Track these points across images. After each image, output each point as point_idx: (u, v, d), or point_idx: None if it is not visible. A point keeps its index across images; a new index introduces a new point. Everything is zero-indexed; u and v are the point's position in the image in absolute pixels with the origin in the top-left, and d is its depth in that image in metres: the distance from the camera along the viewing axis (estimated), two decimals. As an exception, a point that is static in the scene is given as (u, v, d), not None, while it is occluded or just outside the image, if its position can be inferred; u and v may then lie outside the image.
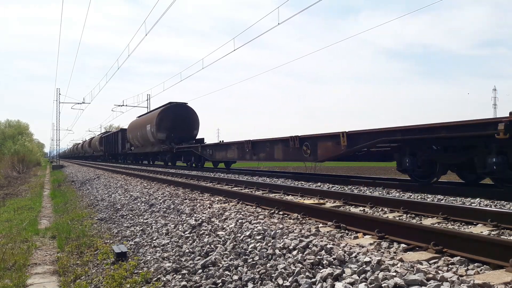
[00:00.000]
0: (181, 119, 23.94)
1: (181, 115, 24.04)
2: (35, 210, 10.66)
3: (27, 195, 15.41)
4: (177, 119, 23.82)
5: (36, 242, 6.42)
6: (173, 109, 24.24)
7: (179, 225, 5.25)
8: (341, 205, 5.89)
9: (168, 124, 23.70)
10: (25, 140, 71.66)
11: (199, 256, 3.90)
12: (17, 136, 71.77)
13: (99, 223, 7.18)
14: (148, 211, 6.84)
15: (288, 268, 2.96)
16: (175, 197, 7.26)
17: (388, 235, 3.63)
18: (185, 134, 23.43)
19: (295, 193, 7.33)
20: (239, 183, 9.54)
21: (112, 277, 3.99)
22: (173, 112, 24.04)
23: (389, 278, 2.37)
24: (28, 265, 5.08)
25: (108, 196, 10.09)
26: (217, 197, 6.93)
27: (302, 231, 3.71)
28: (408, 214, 4.93)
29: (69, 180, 20.04)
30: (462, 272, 2.69)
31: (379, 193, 7.02)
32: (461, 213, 4.50)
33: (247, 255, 3.51)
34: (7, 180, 23.52)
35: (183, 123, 23.91)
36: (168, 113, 24.05)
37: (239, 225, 4.38)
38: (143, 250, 4.79)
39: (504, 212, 4.22)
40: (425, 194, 6.70)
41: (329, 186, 8.60)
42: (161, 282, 3.61)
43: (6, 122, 77.22)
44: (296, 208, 5.20)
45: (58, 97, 41.68)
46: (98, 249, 5.23)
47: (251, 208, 5.70)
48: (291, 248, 3.26)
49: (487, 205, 5.41)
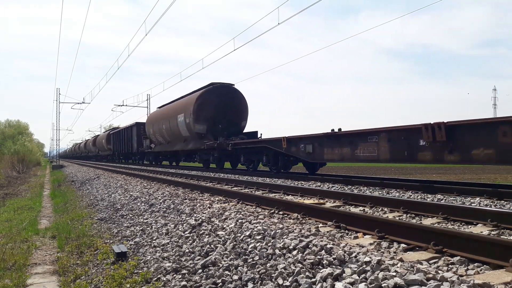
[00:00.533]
0: (227, 105, 18.13)
1: (227, 100, 18.15)
2: (35, 210, 10.66)
3: (27, 195, 15.41)
4: (222, 105, 18.05)
5: (36, 242, 6.42)
6: (217, 92, 18.17)
7: (179, 225, 5.25)
8: (341, 205, 5.89)
9: (210, 113, 17.89)
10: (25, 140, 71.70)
11: (199, 256, 3.90)
12: (17, 136, 71.81)
13: (99, 223, 7.18)
14: (148, 211, 6.84)
15: (288, 268, 2.96)
16: (175, 197, 7.25)
17: (388, 235, 3.63)
18: (231, 125, 17.83)
19: (295, 193, 7.33)
20: (239, 183, 9.54)
21: (112, 277, 3.99)
22: (217, 97, 18.07)
23: (389, 278, 2.37)
24: (28, 265, 5.08)
25: (108, 196, 10.08)
26: (217, 197, 6.93)
27: (302, 231, 3.71)
28: (408, 214, 4.93)
29: (69, 180, 20.04)
30: (462, 272, 2.69)
31: (379, 193, 7.02)
32: (461, 213, 4.50)
33: (247, 255, 3.50)
34: (7, 180, 23.51)
35: (229, 111, 18.11)
36: (211, 97, 18.04)
37: (239, 225, 4.38)
38: (143, 250, 4.79)
39: (504, 212, 4.22)
40: (425, 194, 6.70)
41: (329, 186, 8.61)
42: (161, 282, 3.61)
43: (6, 122, 77.30)
44: (296, 208, 5.20)
45: (58, 97, 41.71)
46: (98, 249, 5.23)
47: (251, 208, 5.70)
48: (291, 248, 3.26)
49: (487, 205, 5.42)
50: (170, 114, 21.60)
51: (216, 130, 17.61)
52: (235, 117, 18.34)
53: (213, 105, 17.92)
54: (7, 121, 77.86)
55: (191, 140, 19.03)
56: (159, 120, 23.73)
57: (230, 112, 18.09)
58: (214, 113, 17.89)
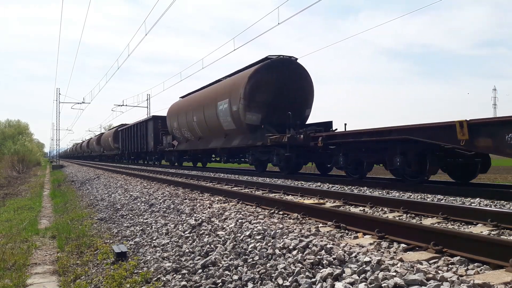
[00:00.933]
0: (290, 87, 13.29)
1: (289, 80, 13.29)
2: (35, 210, 10.66)
3: (27, 195, 15.41)
4: (283, 87, 13.21)
5: (36, 242, 6.42)
6: (276, 69, 13.27)
7: (179, 225, 5.25)
8: (341, 205, 5.88)
9: (268, 97, 13.21)
10: (25, 140, 71.74)
11: (199, 256, 3.90)
12: (17, 136, 71.84)
13: (99, 223, 7.18)
14: (148, 211, 6.84)
15: (288, 268, 2.96)
16: (175, 197, 7.26)
17: (388, 235, 3.63)
18: (293, 115, 12.32)
19: (295, 193, 7.33)
20: (239, 183, 9.54)
21: (112, 277, 3.99)
22: (277, 75, 13.18)
23: (389, 278, 2.37)
24: (28, 265, 5.08)
25: (108, 196, 10.09)
26: (217, 197, 6.93)
27: (302, 231, 3.71)
28: (408, 214, 4.93)
29: (69, 180, 20.04)
30: (462, 272, 2.69)
31: (379, 193, 7.02)
32: (461, 213, 4.50)
33: (247, 255, 3.50)
34: (7, 180, 23.52)
35: (292, 95, 13.34)
36: (268, 76, 13.17)
37: (239, 225, 4.38)
38: (143, 250, 4.78)
39: (504, 212, 4.22)
40: (425, 194, 6.70)
41: (329, 186, 8.60)
42: (161, 282, 3.61)
43: (6, 122, 77.38)
44: (296, 208, 5.20)
45: (58, 97, 41.75)
46: (98, 249, 5.23)
47: (251, 208, 5.70)
48: (291, 248, 3.26)
49: (487, 205, 5.42)
50: (205, 102, 16.66)
51: (273, 121, 12.91)
52: (299, 103, 13.53)
53: (272, 87, 13.07)
54: (7, 121, 77.99)
55: (238, 134, 14.30)
56: (187, 110, 18.63)
57: (292, 96, 13.32)
58: (272, 97, 13.12)
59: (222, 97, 14.90)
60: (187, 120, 18.66)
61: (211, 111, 15.90)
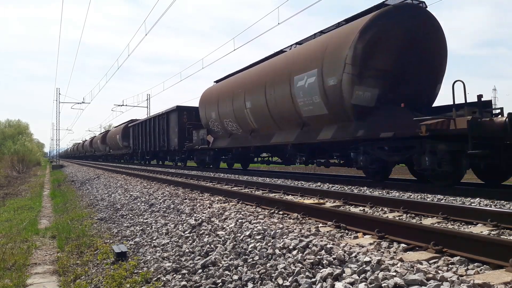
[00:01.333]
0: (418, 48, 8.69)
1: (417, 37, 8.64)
2: (35, 210, 10.66)
3: (27, 195, 15.41)
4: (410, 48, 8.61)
5: (36, 242, 6.42)
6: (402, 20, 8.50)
7: (179, 225, 5.25)
8: (341, 205, 5.89)
9: (388, 60, 8.56)
10: (25, 140, 71.71)
11: (199, 256, 3.90)
12: (17, 136, 71.82)
13: (99, 223, 7.18)
14: (148, 211, 6.84)
15: (288, 268, 2.96)
16: (175, 197, 7.26)
17: (388, 235, 3.63)
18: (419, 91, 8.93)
19: (295, 193, 7.33)
20: (239, 183, 9.54)
21: (112, 277, 3.99)
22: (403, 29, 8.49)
23: (389, 278, 2.37)
24: (28, 265, 5.08)
25: (108, 196, 10.09)
26: (217, 197, 6.93)
27: (302, 231, 3.71)
28: (408, 214, 4.93)
29: (69, 180, 20.04)
30: (462, 272, 2.69)
31: (379, 193, 7.02)
32: (461, 213, 4.50)
33: (247, 255, 3.50)
34: (7, 180, 23.52)
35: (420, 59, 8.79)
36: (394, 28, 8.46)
37: (239, 225, 4.38)
38: (143, 250, 4.78)
39: (504, 212, 4.22)
40: (425, 194, 6.70)
41: (329, 186, 8.60)
42: (161, 282, 3.61)
43: (6, 122, 77.36)
44: (296, 208, 5.20)
45: (58, 97, 41.77)
46: (98, 249, 5.23)
47: (251, 208, 5.70)
48: (291, 248, 3.26)
49: (487, 205, 5.41)
50: (268, 78, 11.85)
51: (393, 100, 8.48)
52: (429, 73, 9.02)
53: (397, 46, 8.54)
54: (7, 121, 77.99)
55: (330, 122, 9.64)
56: (234, 94, 13.95)
57: (421, 61, 8.82)
58: (396, 62, 8.61)
59: (304, 67, 10.08)
60: (234, 107, 13.84)
61: (280, 91, 11.11)
